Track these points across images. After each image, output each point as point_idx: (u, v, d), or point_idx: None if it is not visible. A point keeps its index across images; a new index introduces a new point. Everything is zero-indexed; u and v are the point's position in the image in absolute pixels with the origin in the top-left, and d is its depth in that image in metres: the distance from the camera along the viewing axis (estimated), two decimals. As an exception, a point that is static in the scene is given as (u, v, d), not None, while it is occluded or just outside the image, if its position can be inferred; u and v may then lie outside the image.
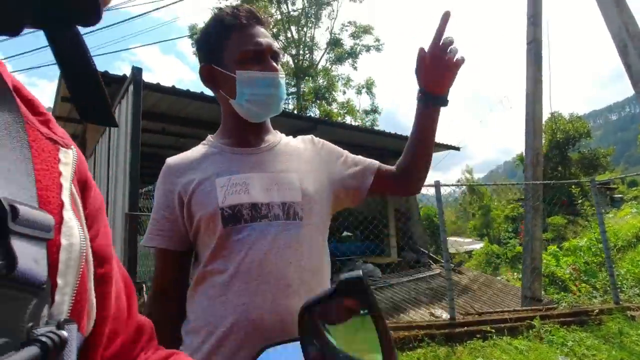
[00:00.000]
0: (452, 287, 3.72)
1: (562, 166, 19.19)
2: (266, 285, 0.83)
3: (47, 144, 0.33)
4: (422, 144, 0.98)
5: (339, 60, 16.92)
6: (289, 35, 16.41)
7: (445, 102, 0.95)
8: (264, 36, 0.92)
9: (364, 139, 7.39)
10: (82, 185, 0.37)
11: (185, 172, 0.93)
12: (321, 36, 17.01)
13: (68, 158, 0.34)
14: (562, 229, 13.38)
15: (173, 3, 8.61)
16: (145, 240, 0.93)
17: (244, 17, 0.91)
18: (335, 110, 16.92)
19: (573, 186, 9.89)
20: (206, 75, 0.95)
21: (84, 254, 0.32)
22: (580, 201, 8.66)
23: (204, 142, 1.00)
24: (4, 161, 0.27)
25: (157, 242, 0.90)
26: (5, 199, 0.23)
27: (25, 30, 0.29)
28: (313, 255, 0.89)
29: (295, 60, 16.48)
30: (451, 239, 17.39)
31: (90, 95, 0.34)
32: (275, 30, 16.08)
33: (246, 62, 0.89)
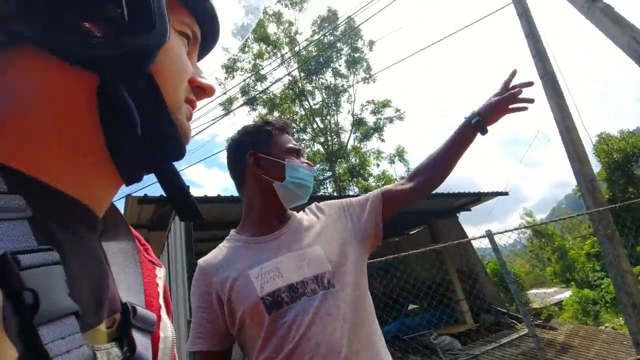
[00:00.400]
0: (543, 346, 3.28)
1: (631, 186, 17.47)
2: (319, 357, 0.87)
3: (149, 265, 0.46)
4: (457, 156, 1.13)
5: (366, 137, 17.68)
6: (315, 126, 17.64)
7: (486, 132, 1.12)
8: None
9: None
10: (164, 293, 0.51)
11: (218, 270, 1.00)
12: (344, 120, 18.19)
13: (161, 274, 0.47)
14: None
15: (211, 124, 9.75)
16: (189, 345, 0.99)
17: (285, 124, 1.14)
18: (374, 184, 17.14)
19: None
20: (254, 160, 1.06)
21: (174, 345, 0.44)
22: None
23: (228, 238, 1.09)
24: (129, 276, 0.40)
25: (199, 345, 0.96)
26: (129, 302, 0.35)
27: None
28: (355, 312, 0.95)
29: (325, 147, 17.43)
30: (532, 291, 15.57)
31: (185, 203, 0.44)
32: (302, 125, 17.41)
33: (292, 154, 1.07)
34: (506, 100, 1.09)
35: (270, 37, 17.02)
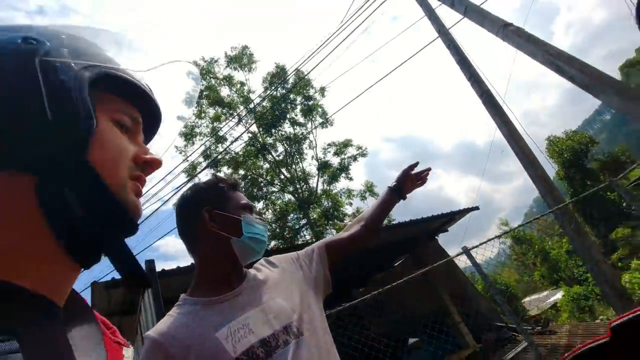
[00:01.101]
0: (547, 352, 3.24)
1: (588, 179, 18.54)
2: None
3: (115, 346, 0.47)
4: (383, 215, 1.36)
5: (334, 178, 17.97)
6: (282, 176, 17.78)
7: (404, 198, 1.42)
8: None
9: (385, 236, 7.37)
10: None
11: (175, 339, 0.89)
12: (310, 166, 18.51)
13: (128, 354, 0.49)
14: (633, 238, 12.19)
15: (175, 193, 9.59)
16: None
17: (236, 181, 1.18)
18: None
19: (610, 193, 9.41)
20: (209, 217, 1.04)
21: None
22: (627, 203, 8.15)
23: (178, 303, 1.00)
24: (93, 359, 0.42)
25: None
26: None
27: None
28: (329, 355, 0.99)
29: (296, 195, 17.48)
30: (527, 299, 15.59)
31: (136, 276, 0.46)
32: (268, 177, 17.49)
33: (246, 210, 1.09)
34: (408, 180, 1.41)
35: (224, 100, 17.48)
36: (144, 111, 0.50)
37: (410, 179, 1.41)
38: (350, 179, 18.23)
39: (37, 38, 0.39)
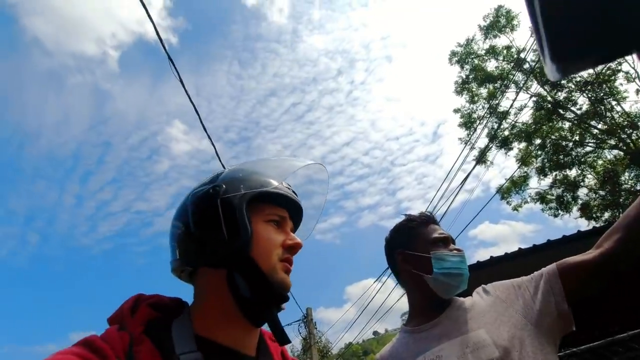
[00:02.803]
0: None
1: None
2: None
3: None
4: None
5: None
6: (594, 131, 14.07)
7: None
8: (443, 230, 1.15)
9: None
10: None
11: None
12: (635, 105, 13.23)
13: None
14: None
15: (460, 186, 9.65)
16: None
17: (427, 216, 1.17)
18: None
19: None
20: (402, 258, 1.12)
21: None
22: None
23: (400, 330, 1.14)
24: None
25: None
26: None
27: None
28: None
29: (624, 147, 13.29)
30: None
31: (281, 339, 0.63)
32: (576, 138, 14.28)
33: (437, 245, 1.08)
34: None
35: (493, 74, 16.15)
36: (291, 209, 0.69)
37: None
38: None
39: (219, 184, 0.62)
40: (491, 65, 16.62)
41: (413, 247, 1.10)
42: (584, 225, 13.15)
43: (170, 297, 0.64)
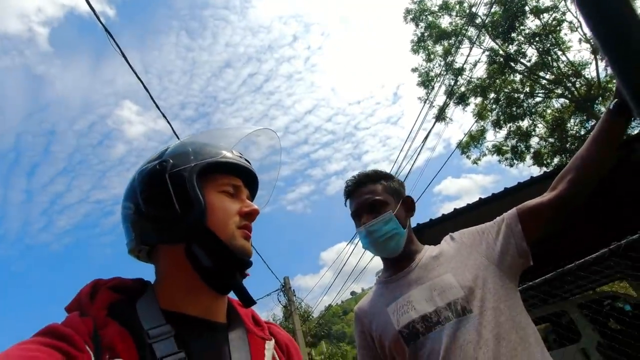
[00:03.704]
0: None
1: None
2: None
3: (258, 340, 0.63)
4: (603, 155, 0.91)
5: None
6: (542, 82, 14.76)
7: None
8: (364, 194, 1.12)
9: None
10: (286, 353, 0.70)
11: (367, 312, 1.11)
12: (578, 54, 14.11)
13: (269, 346, 0.64)
14: None
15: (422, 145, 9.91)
16: None
17: (347, 189, 1.18)
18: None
19: None
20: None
21: None
22: None
23: (375, 282, 1.21)
24: (242, 355, 0.58)
25: None
26: None
27: None
28: (499, 338, 0.89)
29: (569, 95, 14.14)
30: None
31: (246, 302, 0.62)
32: (527, 89, 14.94)
33: (355, 221, 1.16)
34: None
35: (446, 30, 16.29)
36: (245, 177, 0.67)
37: None
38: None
39: (166, 159, 0.60)
40: (445, 22, 16.73)
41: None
42: (537, 172, 14.06)
43: (132, 279, 0.63)
